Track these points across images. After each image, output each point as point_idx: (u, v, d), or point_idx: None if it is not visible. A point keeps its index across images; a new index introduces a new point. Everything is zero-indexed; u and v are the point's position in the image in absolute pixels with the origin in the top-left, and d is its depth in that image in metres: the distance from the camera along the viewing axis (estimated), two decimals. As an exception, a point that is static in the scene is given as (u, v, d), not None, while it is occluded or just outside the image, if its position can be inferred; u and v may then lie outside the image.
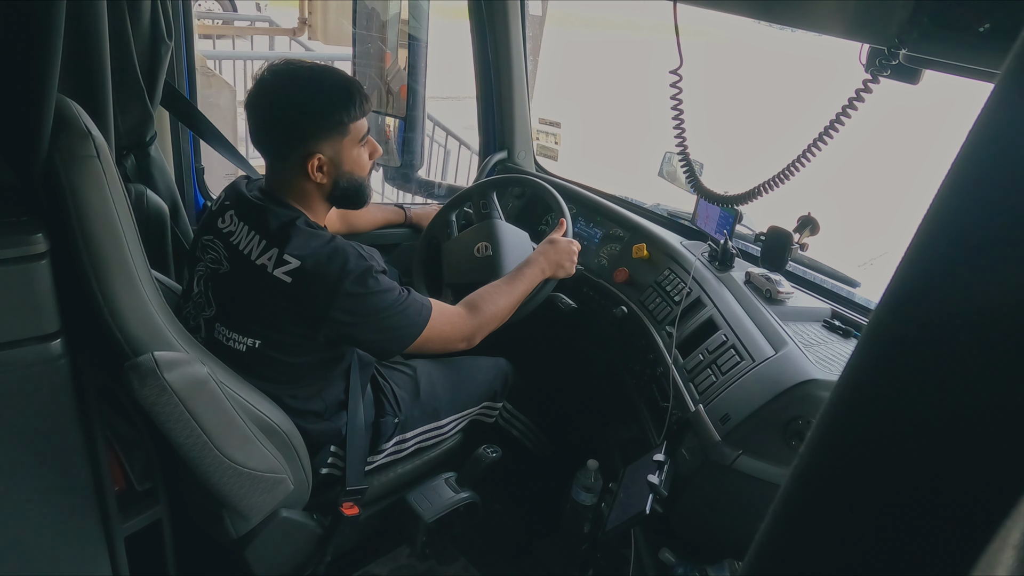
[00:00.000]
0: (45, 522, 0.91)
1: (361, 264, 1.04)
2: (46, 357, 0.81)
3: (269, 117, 1.05)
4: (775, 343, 1.07)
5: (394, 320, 1.09)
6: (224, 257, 1.08)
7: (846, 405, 0.25)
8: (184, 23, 1.44)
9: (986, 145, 0.21)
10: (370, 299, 1.05)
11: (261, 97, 1.04)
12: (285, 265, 1.02)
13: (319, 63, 1.08)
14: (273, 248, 1.03)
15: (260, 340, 1.07)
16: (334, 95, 1.05)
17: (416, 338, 1.13)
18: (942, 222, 0.22)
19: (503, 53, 1.83)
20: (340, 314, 1.03)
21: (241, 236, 1.07)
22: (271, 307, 1.04)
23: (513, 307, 1.31)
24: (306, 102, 1.04)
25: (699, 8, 1.11)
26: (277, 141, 1.06)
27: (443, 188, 2.13)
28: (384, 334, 1.10)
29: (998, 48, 0.66)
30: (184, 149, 1.56)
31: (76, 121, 0.78)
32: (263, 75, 1.04)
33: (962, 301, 0.21)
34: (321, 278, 1.02)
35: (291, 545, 1.24)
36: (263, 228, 1.05)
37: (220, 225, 1.10)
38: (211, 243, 1.11)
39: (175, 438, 0.94)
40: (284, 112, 1.04)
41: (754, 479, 0.97)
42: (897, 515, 0.23)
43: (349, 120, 1.06)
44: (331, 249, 1.03)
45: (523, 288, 1.33)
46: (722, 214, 1.36)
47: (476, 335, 1.24)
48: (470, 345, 1.24)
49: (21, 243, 0.75)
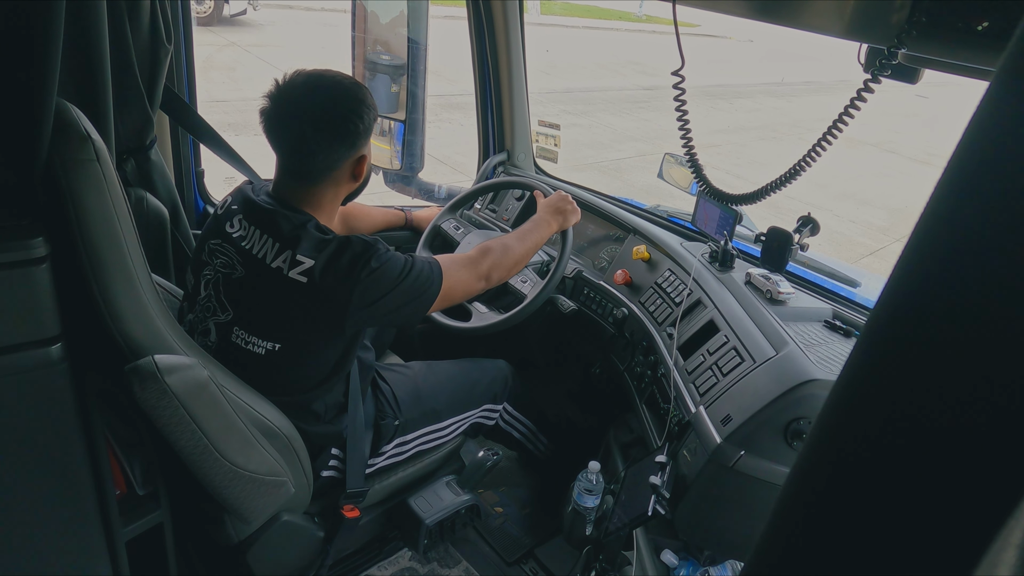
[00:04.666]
0: (46, 526, 0.91)
1: (368, 248, 1.06)
2: (46, 361, 0.81)
3: (320, 124, 1.03)
4: (776, 343, 1.07)
5: (413, 283, 1.11)
6: (237, 262, 1.08)
7: (845, 405, 0.25)
8: (184, 26, 1.45)
9: (982, 143, 0.21)
10: (385, 272, 1.07)
11: (305, 102, 1.04)
12: (299, 266, 1.03)
13: (340, 72, 1.10)
14: (287, 251, 1.04)
15: (280, 343, 1.08)
16: (368, 99, 1.08)
17: (439, 292, 1.15)
18: (939, 221, 0.22)
19: (502, 54, 1.83)
20: (363, 298, 1.05)
21: (254, 240, 1.07)
22: (292, 309, 1.05)
23: (525, 255, 1.33)
24: (357, 106, 1.06)
25: (699, 8, 1.11)
26: (326, 147, 1.05)
27: (443, 191, 2.13)
28: (410, 299, 1.11)
29: (996, 47, 0.66)
30: (184, 153, 1.57)
31: (76, 125, 0.78)
32: (299, 80, 1.04)
33: (960, 300, 0.21)
34: (335, 271, 1.03)
35: (292, 548, 1.23)
36: (276, 232, 1.06)
37: (229, 230, 1.11)
38: (220, 247, 1.11)
39: (176, 441, 0.94)
40: (340, 117, 1.04)
41: (756, 480, 0.97)
42: (899, 515, 0.23)
43: (375, 119, 1.11)
44: (338, 244, 1.05)
45: (534, 238, 1.36)
46: (722, 215, 1.36)
47: (492, 273, 1.26)
48: (489, 284, 1.27)
49: (21, 247, 0.75)
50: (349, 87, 1.07)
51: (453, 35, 1.81)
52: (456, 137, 5.77)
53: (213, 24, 8.02)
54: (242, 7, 8.48)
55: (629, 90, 9.31)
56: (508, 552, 1.57)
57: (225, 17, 8.31)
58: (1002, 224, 0.20)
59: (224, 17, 8.28)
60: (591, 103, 8.27)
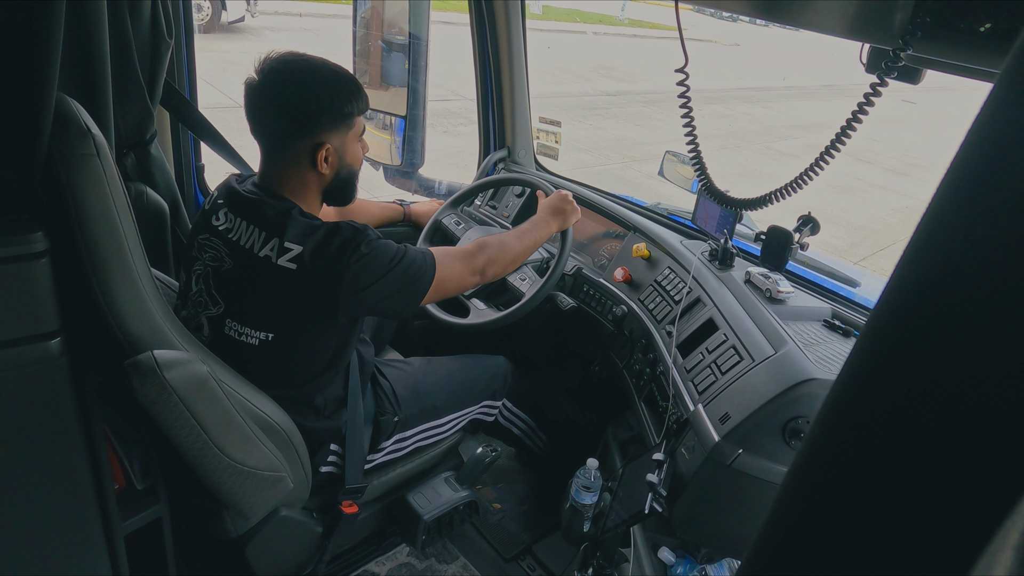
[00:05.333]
0: (45, 520, 0.91)
1: (358, 234, 1.05)
2: (46, 356, 0.81)
3: (279, 103, 1.03)
4: (775, 342, 1.07)
5: (405, 273, 1.10)
6: (225, 254, 1.08)
7: (844, 404, 0.25)
8: (184, 21, 1.44)
9: (985, 145, 0.21)
10: (376, 259, 1.06)
11: (271, 83, 1.03)
12: (287, 253, 1.02)
13: (322, 58, 1.08)
14: (274, 238, 1.03)
15: (273, 332, 1.07)
16: (344, 87, 1.06)
17: (431, 284, 1.13)
18: (941, 221, 0.22)
19: (503, 52, 1.83)
20: (353, 284, 1.04)
21: (240, 231, 1.07)
22: (282, 297, 1.05)
23: (523, 253, 1.32)
24: (322, 90, 1.04)
25: (706, 8, 1.11)
26: (284, 129, 1.05)
27: (443, 186, 2.13)
28: (401, 289, 1.10)
29: (999, 48, 0.66)
30: (184, 147, 1.56)
31: (76, 119, 0.78)
32: (271, 62, 1.03)
33: (960, 300, 0.21)
34: (324, 257, 1.03)
35: (291, 543, 1.24)
36: (261, 220, 1.05)
37: (215, 223, 1.10)
38: (208, 242, 1.10)
39: (175, 436, 0.94)
40: (298, 99, 1.03)
41: (753, 478, 0.98)
42: (896, 515, 0.23)
43: (355, 113, 1.08)
44: (327, 230, 1.04)
45: (534, 237, 1.35)
46: (722, 213, 1.36)
47: (487, 268, 1.24)
48: (483, 279, 1.26)
49: (21, 242, 0.75)
50: (319, 69, 1.05)
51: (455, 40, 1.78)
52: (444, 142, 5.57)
53: (212, 31, 7.89)
54: (240, 14, 8.38)
55: (590, 96, 8.81)
56: (506, 548, 1.58)
57: (223, 24, 8.16)
58: (1004, 225, 0.20)
59: (222, 24, 8.15)
60: (539, 110, 7.72)
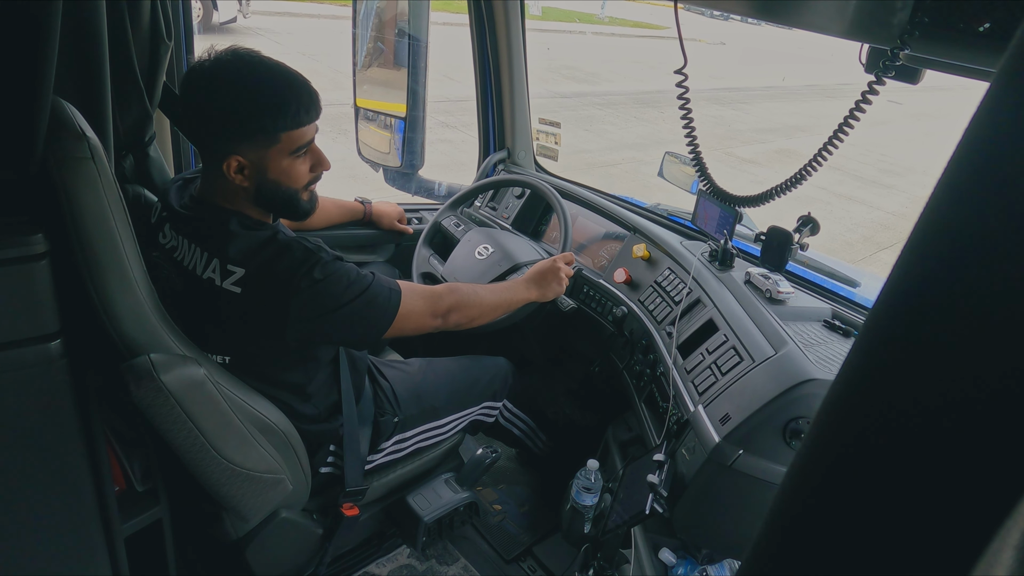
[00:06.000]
0: (45, 523, 0.91)
1: (310, 257, 0.97)
2: (46, 358, 0.81)
3: (198, 106, 0.97)
4: (775, 343, 1.07)
5: (366, 307, 1.02)
6: (175, 275, 1.02)
7: (843, 404, 0.25)
8: (184, 23, 1.44)
9: (982, 144, 0.21)
10: (328, 289, 0.98)
11: (194, 84, 0.96)
12: (231, 276, 0.96)
13: (271, 60, 0.98)
14: (214, 259, 0.97)
15: (229, 356, 1.03)
16: (264, 100, 0.94)
17: (392, 323, 1.07)
18: (938, 221, 0.22)
19: (503, 53, 1.83)
20: (301, 311, 0.97)
21: (183, 251, 1.01)
22: (231, 321, 0.99)
23: (493, 307, 1.25)
24: (233, 101, 0.94)
25: (699, 8, 1.11)
26: (200, 133, 0.99)
27: (443, 188, 2.13)
28: (356, 323, 1.03)
29: (998, 48, 0.66)
30: (184, 149, 1.56)
31: (71, 123, 0.78)
32: (201, 61, 0.96)
33: (959, 300, 0.21)
34: (270, 280, 0.96)
35: (291, 545, 1.23)
36: (199, 238, 0.99)
37: (162, 240, 1.04)
38: (159, 260, 1.04)
39: (172, 439, 0.94)
40: (212, 106, 0.95)
41: (754, 479, 0.97)
42: (896, 515, 0.23)
43: (278, 129, 0.96)
44: (274, 249, 0.97)
45: (507, 297, 1.28)
46: (722, 214, 1.36)
47: (450, 313, 1.17)
48: (445, 325, 1.17)
49: (21, 243, 0.75)
50: (246, 76, 0.94)
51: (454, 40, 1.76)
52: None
53: (204, 33, 7.83)
54: (232, 15, 8.32)
55: (543, 98, 8.09)
56: (506, 550, 1.58)
57: (215, 25, 8.04)
58: (1002, 224, 0.20)
59: (214, 25, 8.05)
60: (468, 112, 7.24)
